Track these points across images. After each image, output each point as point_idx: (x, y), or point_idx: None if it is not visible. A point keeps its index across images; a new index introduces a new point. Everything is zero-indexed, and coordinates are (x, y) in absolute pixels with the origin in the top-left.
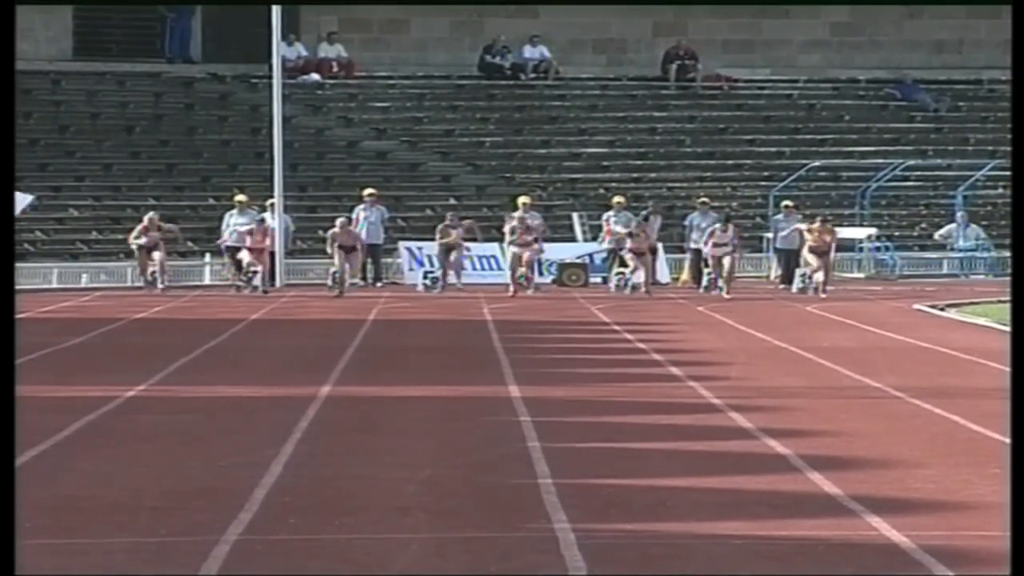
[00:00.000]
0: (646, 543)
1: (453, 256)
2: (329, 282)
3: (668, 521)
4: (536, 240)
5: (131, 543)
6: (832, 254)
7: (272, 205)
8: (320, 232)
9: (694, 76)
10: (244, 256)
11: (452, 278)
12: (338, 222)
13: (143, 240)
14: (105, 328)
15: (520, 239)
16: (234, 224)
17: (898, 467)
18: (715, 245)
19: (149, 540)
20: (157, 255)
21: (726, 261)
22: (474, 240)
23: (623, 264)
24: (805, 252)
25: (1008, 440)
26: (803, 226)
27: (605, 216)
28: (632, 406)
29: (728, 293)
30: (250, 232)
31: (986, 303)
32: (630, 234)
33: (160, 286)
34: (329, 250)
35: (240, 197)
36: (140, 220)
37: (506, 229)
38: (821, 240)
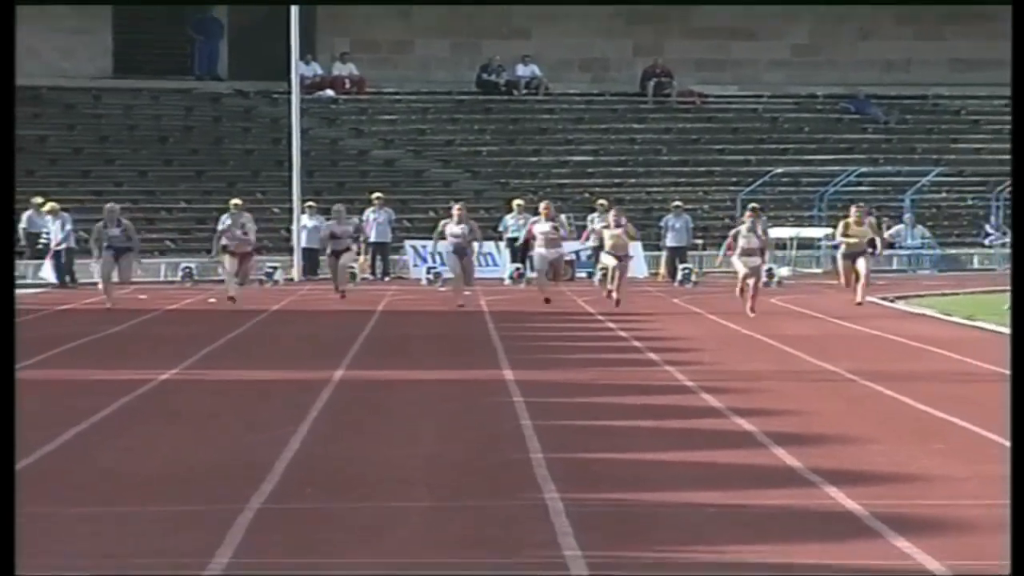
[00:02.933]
0: (628, 511)
1: (465, 262)
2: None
3: (648, 491)
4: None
5: (165, 511)
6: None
7: (311, 207)
8: None
9: (669, 92)
10: (226, 260)
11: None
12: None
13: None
14: (141, 318)
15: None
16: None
17: (853, 443)
18: (744, 253)
19: (182, 508)
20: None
21: (751, 280)
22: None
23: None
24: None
25: (1009, 441)
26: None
27: (590, 217)
28: (614, 388)
29: (754, 311)
30: (228, 232)
31: (931, 296)
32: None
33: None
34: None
35: (235, 201)
36: (172, 221)
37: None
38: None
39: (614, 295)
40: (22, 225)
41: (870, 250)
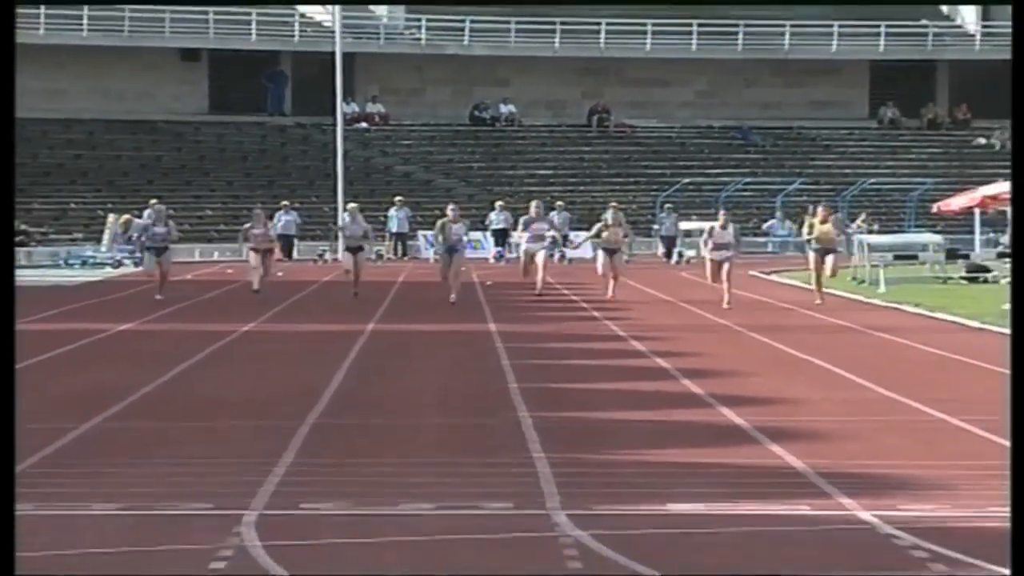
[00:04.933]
0: (579, 425)
1: (455, 258)
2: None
3: (593, 411)
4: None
5: (246, 425)
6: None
7: (353, 208)
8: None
9: (608, 124)
10: (251, 256)
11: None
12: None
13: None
14: (228, 287)
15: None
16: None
17: (740, 376)
18: (716, 247)
19: (258, 423)
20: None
21: (725, 267)
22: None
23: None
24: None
25: (1009, 440)
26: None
27: (550, 215)
28: (568, 337)
29: (730, 304)
30: (252, 231)
31: (795, 270)
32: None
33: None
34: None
35: (256, 211)
36: (250, 219)
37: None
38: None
39: (609, 293)
40: (143, 221)
41: (839, 251)
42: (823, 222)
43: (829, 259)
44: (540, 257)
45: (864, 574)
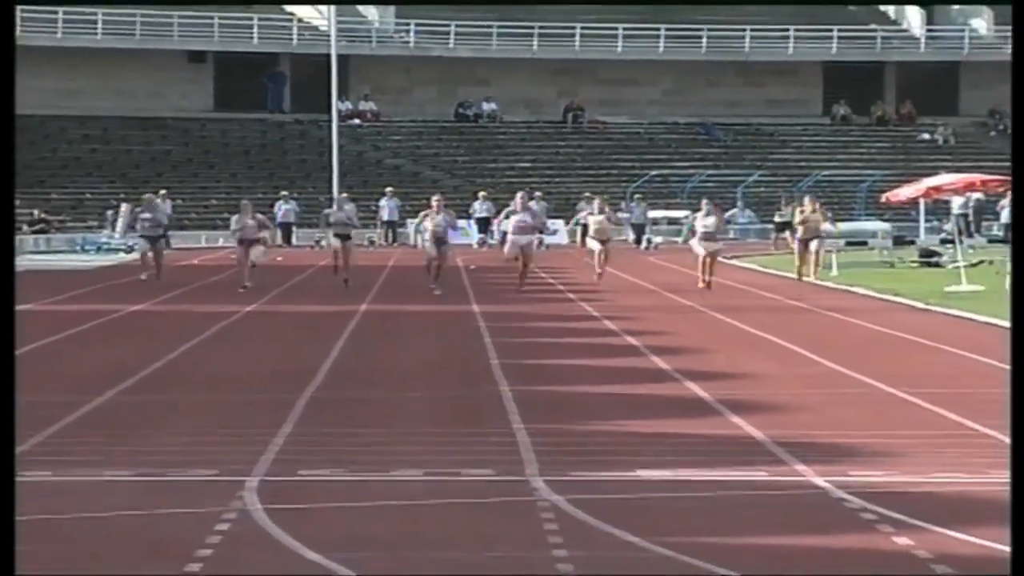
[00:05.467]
0: (554, 397)
1: (443, 249)
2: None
3: (567, 385)
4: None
5: (248, 398)
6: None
7: (344, 196)
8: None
9: (582, 121)
10: (238, 251)
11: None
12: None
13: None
14: (231, 271)
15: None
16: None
17: (704, 353)
18: (706, 238)
19: (259, 396)
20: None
21: (708, 260)
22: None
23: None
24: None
25: (1010, 440)
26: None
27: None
28: (545, 317)
29: (710, 287)
30: (243, 227)
31: (755, 256)
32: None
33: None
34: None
35: (244, 202)
36: (253, 206)
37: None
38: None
39: (597, 271)
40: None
41: (823, 235)
42: (812, 211)
43: (813, 245)
44: (527, 249)
45: (817, 535)
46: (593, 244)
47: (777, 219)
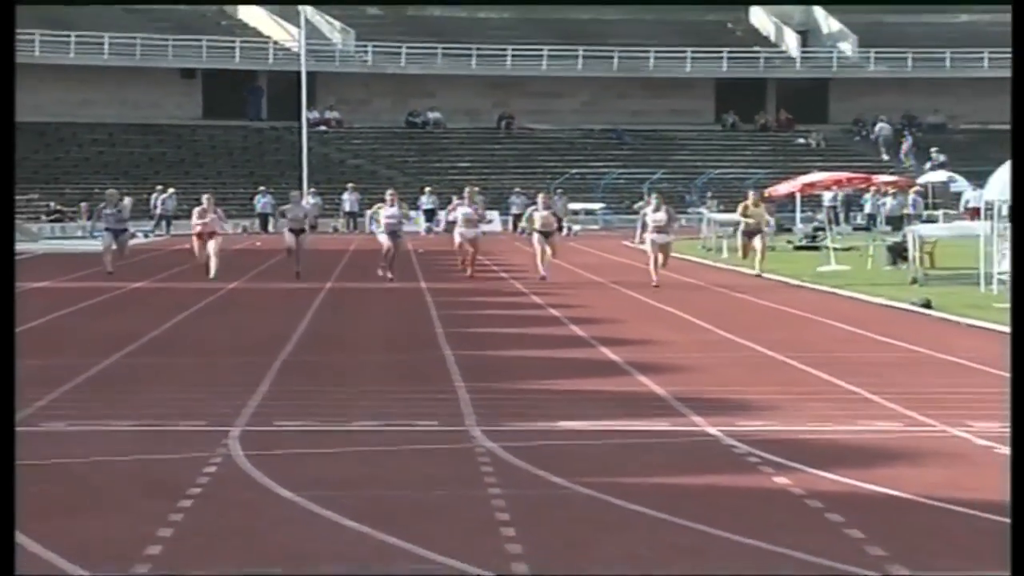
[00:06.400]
0: (492, 361)
1: (397, 241)
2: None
3: (503, 350)
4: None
5: (231, 361)
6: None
7: (312, 191)
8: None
9: (513, 127)
10: (194, 242)
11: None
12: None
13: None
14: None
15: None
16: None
17: (616, 323)
18: (657, 230)
19: (240, 360)
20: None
21: (660, 255)
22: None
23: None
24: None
25: (1010, 443)
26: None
27: (455, 201)
28: (484, 291)
29: (657, 286)
30: (201, 217)
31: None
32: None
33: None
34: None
35: (204, 197)
36: (236, 200)
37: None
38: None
39: (542, 271)
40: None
41: (766, 229)
42: (755, 206)
43: (757, 239)
44: (475, 239)
45: (710, 475)
46: (538, 237)
47: (634, 209)
